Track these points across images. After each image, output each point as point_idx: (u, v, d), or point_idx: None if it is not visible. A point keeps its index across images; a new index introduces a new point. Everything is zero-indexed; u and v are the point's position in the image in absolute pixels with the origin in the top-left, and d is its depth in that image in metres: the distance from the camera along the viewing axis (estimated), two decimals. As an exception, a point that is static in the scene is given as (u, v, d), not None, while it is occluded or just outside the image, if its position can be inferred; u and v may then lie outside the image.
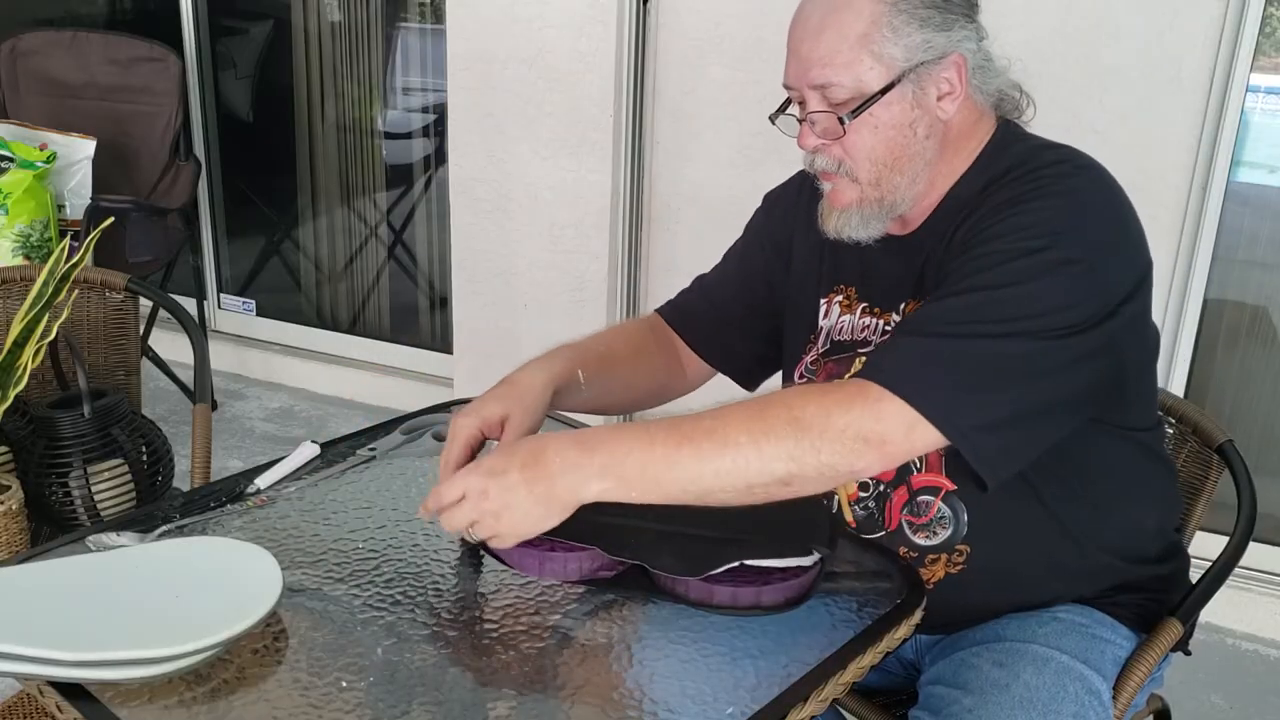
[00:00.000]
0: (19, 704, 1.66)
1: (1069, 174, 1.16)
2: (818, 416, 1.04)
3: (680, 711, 0.93)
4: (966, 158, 1.24)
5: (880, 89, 1.16)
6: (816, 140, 1.21)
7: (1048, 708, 1.13)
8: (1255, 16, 2.28)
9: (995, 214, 1.15)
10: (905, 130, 1.18)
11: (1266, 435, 2.59)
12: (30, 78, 3.47)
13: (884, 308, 1.29)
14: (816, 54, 1.17)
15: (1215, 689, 2.33)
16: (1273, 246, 2.54)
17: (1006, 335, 1.07)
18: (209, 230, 3.85)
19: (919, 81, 1.17)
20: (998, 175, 1.20)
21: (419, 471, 1.32)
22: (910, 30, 1.15)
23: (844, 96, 1.17)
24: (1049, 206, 1.12)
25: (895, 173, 1.20)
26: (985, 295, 1.10)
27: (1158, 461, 1.32)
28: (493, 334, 3.19)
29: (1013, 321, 1.08)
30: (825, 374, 1.32)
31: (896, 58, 1.15)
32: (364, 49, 3.57)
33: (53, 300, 1.54)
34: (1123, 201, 1.17)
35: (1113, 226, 1.15)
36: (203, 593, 0.99)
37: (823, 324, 1.35)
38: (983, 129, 1.25)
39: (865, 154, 1.19)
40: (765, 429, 1.04)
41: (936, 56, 1.17)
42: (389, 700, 0.92)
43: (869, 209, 1.22)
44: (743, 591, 1.03)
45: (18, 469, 1.64)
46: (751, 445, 1.03)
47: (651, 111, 2.90)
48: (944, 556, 1.24)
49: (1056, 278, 1.09)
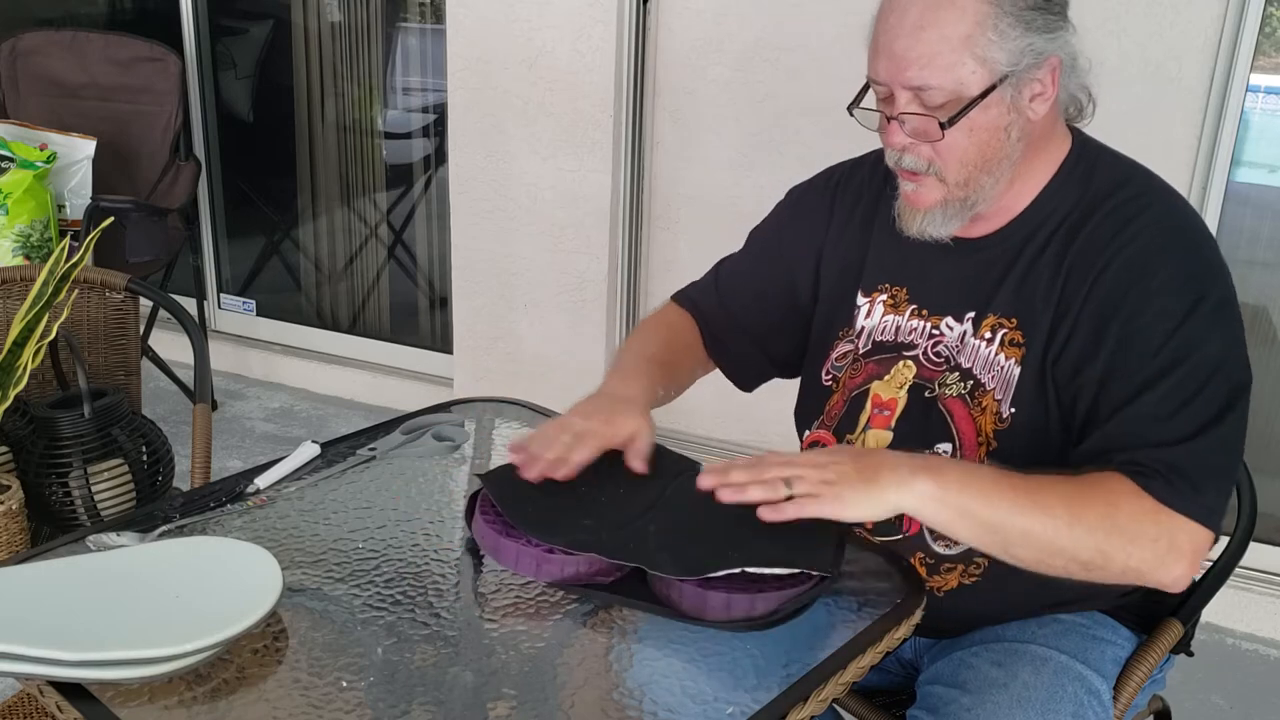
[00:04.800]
0: (19, 704, 1.66)
1: (1179, 207, 1.19)
2: (1130, 524, 1.07)
3: (680, 711, 0.93)
4: (1047, 163, 1.22)
5: (980, 93, 1.13)
6: (906, 140, 1.17)
7: (1046, 707, 1.12)
8: (1255, 16, 2.28)
9: (1127, 272, 1.14)
10: (999, 133, 1.16)
11: (1266, 435, 2.59)
12: (30, 78, 3.47)
13: (933, 311, 1.27)
14: (914, 53, 1.12)
15: (1215, 689, 2.33)
16: (1273, 246, 2.54)
17: (1231, 398, 1.10)
18: (209, 230, 3.84)
19: (1017, 85, 1.14)
20: (1085, 201, 1.20)
21: (419, 471, 1.32)
22: (1015, 34, 1.12)
23: (941, 100, 1.13)
24: (1185, 259, 1.15)
25: (984, 174, 1.18)
26: (1186, 367, 1.10)
27: None
28: (493, 334, 3.19)
29: (1225, 378, 1.11)
30: (865, 374, 1.30)
31: (1000, 61, 1.12)
32: (364, 49, 3.57)
33: (53, 300, 1.54)
34: (1206, 228, 1.20)
35: (1220, 264, 1.17)
36: (203, 593, 0.99)
37: (864, 323, 1.33)
38: (1061, 129, 1.23)
39: (957, 157, 1.17)
40: (1081, 513, 1.06)
41: (1038, 60, 1.14)
42: (389, 700, 0.92)
43: (952, 208, 1.20)
44: (736, 598, 1.02)
45: (18, 469, 1.64)
46: (1066, 524, 1.06)
47: (651, 111, 2.90)
48: (960, 567, 1.23)
49: (1224, 322, 1.13)
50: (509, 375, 3.16)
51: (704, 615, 1.02)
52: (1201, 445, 1.09)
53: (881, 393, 1.27)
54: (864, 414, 1.28)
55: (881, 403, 1.27)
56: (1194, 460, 1.08)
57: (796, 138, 2.71)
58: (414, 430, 1.41)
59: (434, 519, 1.21)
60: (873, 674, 1.05)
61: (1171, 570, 1.07)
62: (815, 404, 1.36)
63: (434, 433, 1.41)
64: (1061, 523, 1.05)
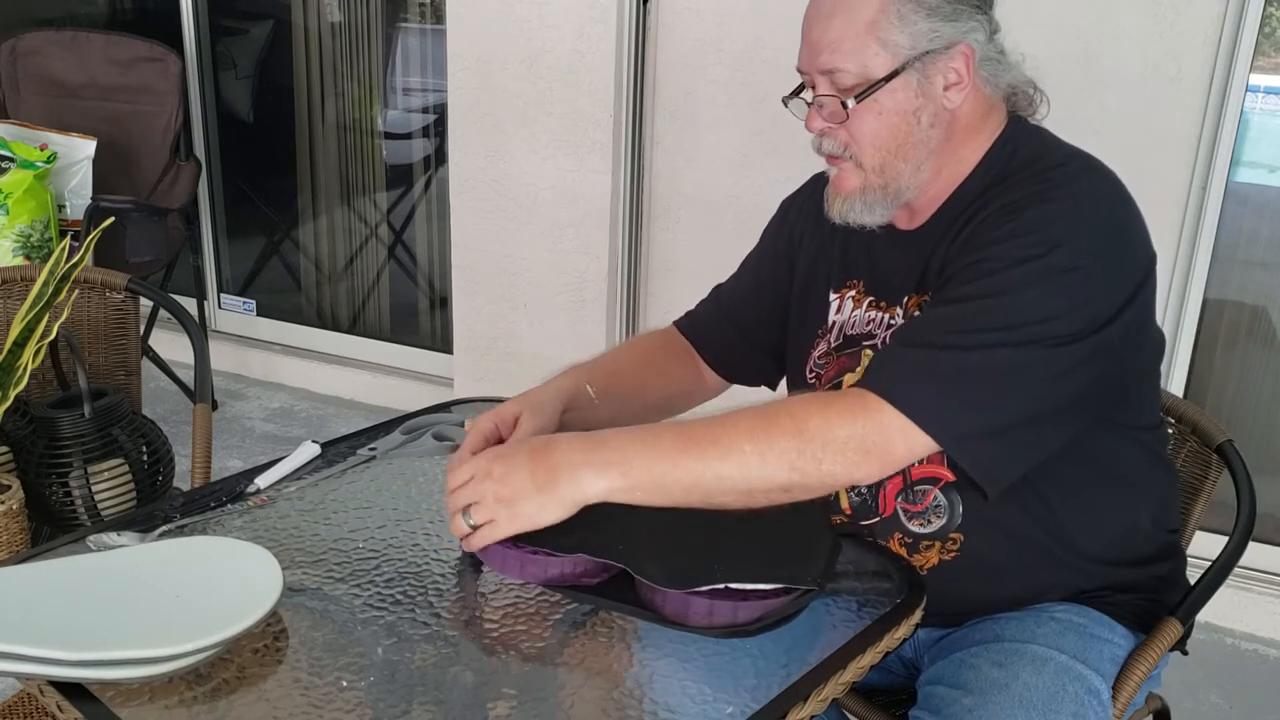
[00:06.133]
0: (19, 704, 1.66)
1: (1073, 176, 1.17)
2: (820, 428, 1.07)
3: (680, 711, 0.93)
4: (975, 151, 1.24)
5: (885, 76, 1.17)
6: (822, 123, 1.22)
7: (1047, 707, 1.13)
8: (1255, 16, 2.29)
9: (997, 218, 1.15)
10: (909, 117, 1.19)
11: (1266, 435, 2.59)
12: (30, 78, 3.47)
13: (889, 301, 1.29)
14: (825, 39, 1.18)
15: (1215, 689, 2.33)
16: (1273, 246, 2.55)
17: (1001, 345, 1.08)
18: (209, 230, 3.85)
19: (924, 70, 1.18)
20: (1005, 174, 1.21)
21: (419, 472, 1.32)
22: (917, 19, 1.16)
23: (850, 82, 1.18)
24: (1050, 212, 1.13)
25: (899, 159, 1.21)
26: (981, 304, 1.11)
27: (1157, 462, 1.32)
28: (493, 334, 3.19)
29: (1008, 330, 1.09)
30: (837, 368, 1.32)
31: (902, 45, 1.16)
32: (364, 49, 3.57)
33: (53, 300, 1.54)
34: (1125, 203, 1.17)
35: (1114, 231, 1.14)
36: (203, 592, 0.99)
37: (835, 319, 1.35)
38: (993, 122, 1.25)
39: (869, 139, 1.20)
40: (769, 438, 1.06)
41: (943, 46, 1.18)
42: (389, 700, 0.92)
43: (872, 195, 1.23)
44: (719, 605, 1.01)
45: (18, 469, 1.64)
46: (755, 454, 1.06)
47: (651, 111, 2.90)
48: (938, 544, 1.24)
49: (1053, 285, 1.10)
50: (509, 375, 3.16)
51: (686, 621, 1.02)
52: (945, 357, 1.09)
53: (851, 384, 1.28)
54: None
55: None
56: (926, 362, 1.09)
57: (796, 138, 2.70)
58: (414, 430, 1.41)
59: (434, 519, 1.21)
60: (873, 673, 1.05)
61: (864, 468, 1.07)
62: None
63: (434, 433, 1.41)
64: (751, 456, 1.06)
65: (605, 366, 1.39)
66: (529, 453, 1.09)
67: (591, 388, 1.32)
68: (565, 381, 1.32)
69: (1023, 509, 1.21)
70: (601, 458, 1.08)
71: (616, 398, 1.35)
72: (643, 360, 1.46)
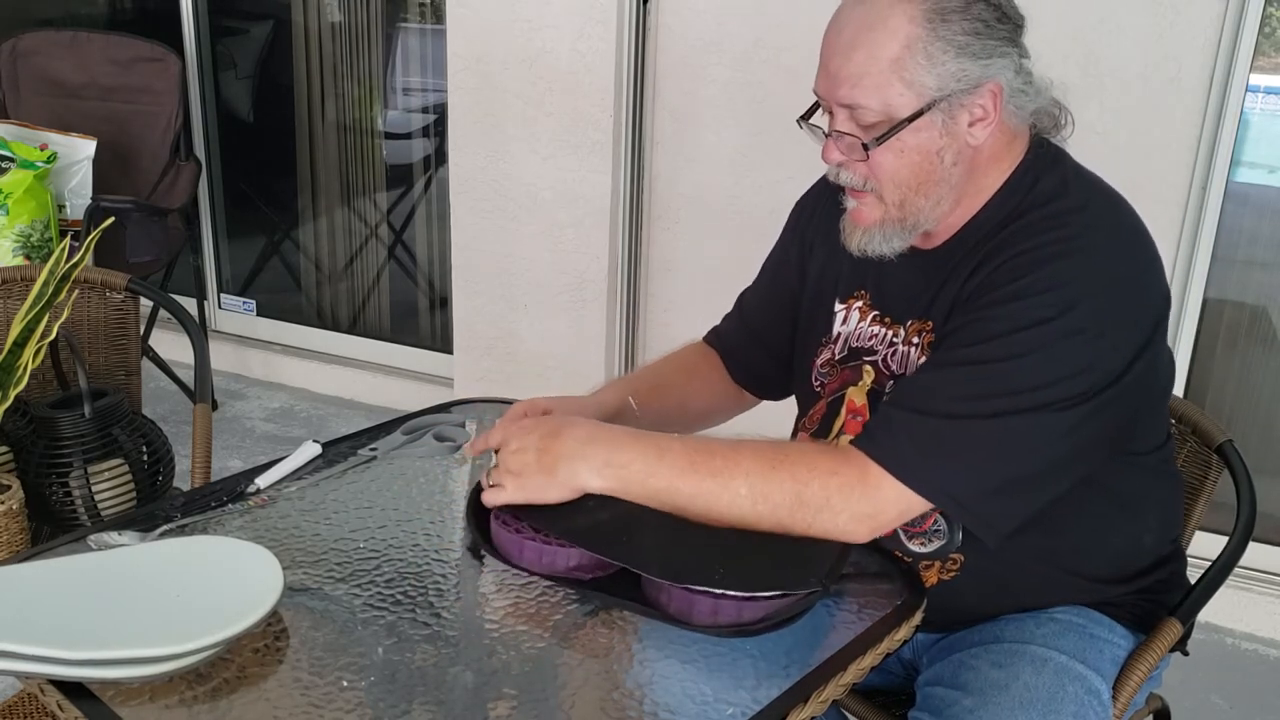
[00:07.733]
0: (20, 703, 1.66)
1: (1090, 226, 1.13)
2: (818, 495, 1.09)
3: (680, 711, 0.93)
4: (996, 179, 1.20)
5: (908, 116, 1.12)
6: (840, 157, 1.18)
7: (1047, 708, 1.13)
8: (1255, 16, 2.28)
9: (1010, 269, 1.12)
10: (932, 157, 1.15)
11: (1266, 435, 2.59)
12: (30, 78, 3.47)
13: (894, 319, 1.28)
14: (846, 72, 1.13)
15: (1215, 689, 2.33)
16: (1273, 246, 2.54)
17: (1008, 412, 1.08)
18: (209, 230, 3.85)
19: (950, 110, 1.13)
20: (1024, 207, 1.17)
21: (420, 472, 1.32)
22: (946, 59, 1.11)
23: (871, 119, 1.14)
24: (1064, 271, 1.10)
25: (920, 196, 1.17)
26: (989, 369, 1.09)
27: (1163, 479, 1.30)
28: (493, 334, 3.19)
29: (1015, 396, 1.08)
30: (840, 380, 1.31)
31: (928, 86, 1.11)
32: (364, 49, 3.57)
33: (53, 300, 1.54)
34: (1143, 248, 1.15)
35: (1128, 284, 1.12)
36: (203, 592, 0.99)
37: (840, 330, 1.33)
38: (1016, 149, 1.21)
39: (889, 177, 1.16)
40: (766, 489, 1.09)
41: (970, 86, 1.13)
42: (389, 700, 0.92)
43: (891, 228, 1.20)
44: (724, 604, 1.01)
45: (18, 469, 1.64)
46: (749, 500, 1.09)
47: (651, 111, 2.90)
48: (937, 563, 1.24)
49: (1063, 348, 1.08)
50: (509, 375, 3.16)
51: (690, 620, 1.02)
52: (950, 427, 1.09)
53: (855, 398, 1.29)
54: (839, 419, 1.30)
55: (855, 408, 1.29)
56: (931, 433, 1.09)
57: (796, 138, 2.70)
58: (415, 430, 1.41)
59: (435, 519, 1.21)
60: (873, 674, 1.05)
61: (855, 535, 1.10)
62: (804, 409, 1.38)
63: (435, 433, 1.41)
64: (744, 501, 1.09)
65: (647, 379, 1.40)
66: (541, 435, 1.13)
67: (634, 400, 1.34)
68: (608, 395, 1.33)
69: (1024, 534, 1.19)
70: (602, 458, 1.10)
71: (659, 409, 1.36)
72: (683, 372, 1.46)
